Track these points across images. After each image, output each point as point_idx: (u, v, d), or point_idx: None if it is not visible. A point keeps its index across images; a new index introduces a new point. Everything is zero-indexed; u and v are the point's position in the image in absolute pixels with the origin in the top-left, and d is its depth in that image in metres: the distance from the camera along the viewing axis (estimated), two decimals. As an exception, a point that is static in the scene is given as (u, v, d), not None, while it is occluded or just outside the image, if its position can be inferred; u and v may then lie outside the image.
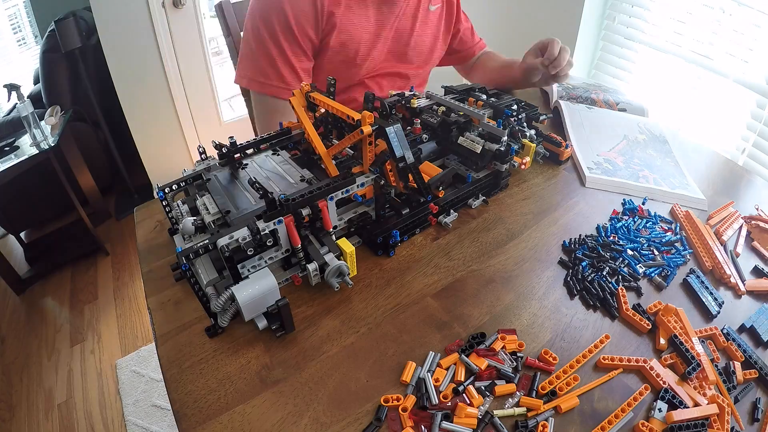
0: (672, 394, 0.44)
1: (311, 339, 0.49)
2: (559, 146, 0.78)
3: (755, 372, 0.49)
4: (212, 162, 0.63)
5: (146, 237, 0.65)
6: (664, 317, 0.51)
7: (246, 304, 0.46)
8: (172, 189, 0.58)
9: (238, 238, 0.47)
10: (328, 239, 0.54)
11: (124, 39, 1.82)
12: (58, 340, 1.63)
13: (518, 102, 0.78)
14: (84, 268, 1.94)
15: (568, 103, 0.95)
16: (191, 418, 0.42)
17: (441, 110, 0.73)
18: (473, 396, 0.44)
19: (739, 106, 1.33)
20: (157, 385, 1.42)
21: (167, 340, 0.50)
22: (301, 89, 0.63)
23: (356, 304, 0.53)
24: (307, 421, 0.42)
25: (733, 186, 0.81)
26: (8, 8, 2.50)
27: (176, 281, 0.56)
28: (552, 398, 0.44)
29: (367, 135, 0.53)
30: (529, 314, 0.53)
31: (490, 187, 0.71)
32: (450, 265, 0.59)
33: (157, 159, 2.15)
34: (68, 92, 1.99)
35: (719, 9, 1.31)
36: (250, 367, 0.47)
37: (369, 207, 0.59)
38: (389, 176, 0.57)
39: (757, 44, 1.24)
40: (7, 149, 1.69)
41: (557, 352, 0.48)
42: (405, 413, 0.42)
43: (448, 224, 0.64)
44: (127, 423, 1.32)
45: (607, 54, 1.68)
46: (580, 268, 0.58)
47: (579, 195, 0.73)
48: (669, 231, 0.66)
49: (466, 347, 0.48)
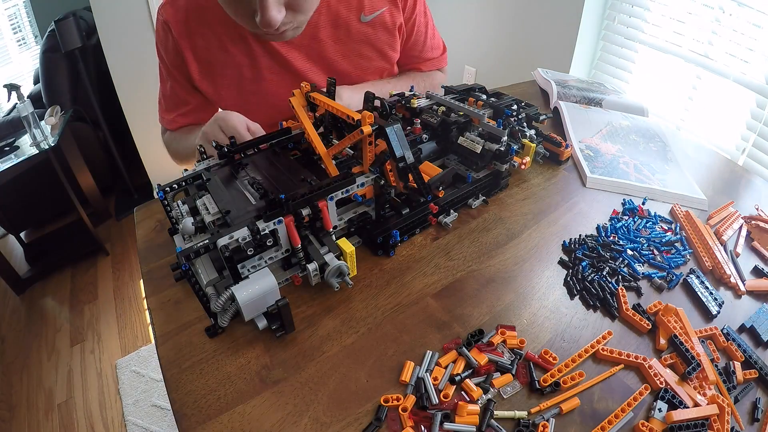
0: (672, 394, 0.44)
1: (311, 339, 0.49)
2: (559, 146, 0.78)
3: (755, 372, 0.49)
4: (212, 162, 0.63)
5: (146, 237, 0.65)
6: (664, 317, 0.51)
7: (246, 304, 0.46)
8: (172, 189, 0.58)
9: (238, 238, 0.47)
10: (328, 239, 0.54)
11: (124, 39, 1.82)
12: (58, 340, 1.63)
13: (518, 102, 0.78)
14: (84, 268, 1.94)
15: (568, 103, 0.95)
16: (191, 418, 0.42)
17: (441, 110, 0.73)
18: (471, 389, 0.44)
19: (738, 106, 1.33)
20: (157, 385, 1.42)
21: (167, 340, 0.50)
22: (302, 88, 0.64)
23: (356, 304, 0.53)
24: (307, 421, 0.42)
25: (733, 186, 0.81)
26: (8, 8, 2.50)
27: (176, 281, 0.56)
28: (556, 389, 0.44)
29: (367, 135, 0.53)
30: (529, 314, 0.53)
31: (490, 187, 0.71)
32: (450, 265, 0.59)
33: (157, 159, 2.15)
34: (68, 92, 1.99)
35: (719, 9, 1.31)
36: (250, 367, 0.47)
37: (369, 207, 0.59)
38: (389, 176, 0.57)
39: (757, 44, 1.24)
40: (7, 149, 1.69)
41: (557, 352, 0.48)
42: (405, 413, 0.42)
43: (448, 224, 0.64)
44: (127, 423, 1.32)
45: (607, 54, 1.68)
46: (580, 268, 0.58)
47: (579, 195, 0.73)
48: (669, 231, 0.66)
49: (464, 345, 0.48)
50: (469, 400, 0.43)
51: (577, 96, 1.00)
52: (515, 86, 1.12)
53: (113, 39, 1.80)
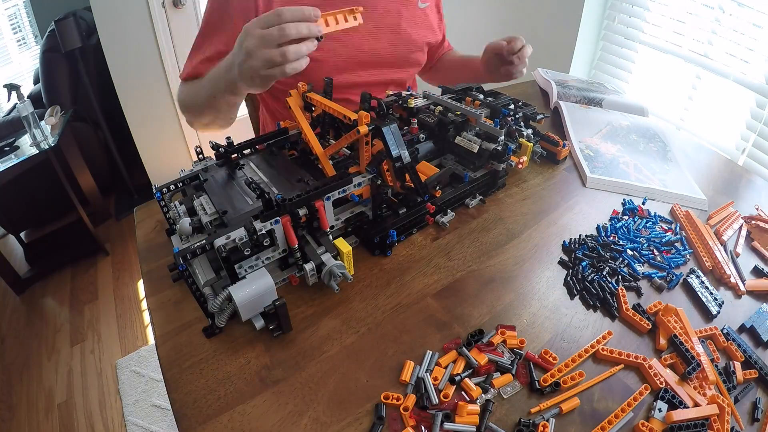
0: (672, 394, 0.44)
1: (311, 339, 0.49)
2: (557, 145, 0.78)
3: (755, 372, 0.49)
4: (209, 162, 0.63)
5: (146, 237, 0.65)
6: (664, 317, 0.51)
7: (243, 304, 0.46)
8: (169, 189, 0.58)
9: (235, 239, 0.46)
10: (325, 239, 0.53)
11: (124, 39, 1.82)
12: (58, 340, 1.62)
13: (515, 101, 0.78)
14: (84, 268, 1.94)
15: (568, 102, 0.95)
16: (191, 418, 0.42)
17: (438, 110, 0.73)
18: (471, 388, 0.44)
19: (738, 106, 1.33)
20: (157, 385, 1.42)
21: (167, 340, 0.50)
22: (298, 89, 0.63)
23: (356, 304, 0.53)
24: (307, 421, 0.42)
25: (733, 186, 0.81)
26: (8, 8, 2.50)
27: (173, 282, 0.56)
28: (556, 389, 0.44)
29: (364, 135, 0.53)
30: (529, 314, 0.53)
31: (487, 186, 0.70)
32: (450, 265, 0.59)
33: (157, 159, 2.15)
34: (68, 92, 1.99)
35: (719, 9, 1.30)
36: (250, 367, 0.46)
37: (366, 207, 0.59)
38: (386, 176, 0.57)
39: (757, 44, 1.24)
40: (7, 149, 1.69)
41: (557, 352, 0.47)
42: (407, 413, 0.42)
43: (446, 224, 0.64)
44: (127, 423, 1.32)
45: (607, 54, 1.68)
46: (580, 268, 0.58)
47: (579, 195, 0.73)
48: (669, 231, 0.66)
49: (464, 345, 0.48)
50: (469, 400, 0.43)
51: (577, 96, 1.00)
52: (515, 86, 1.12)
53: (113, 39, 1.80)
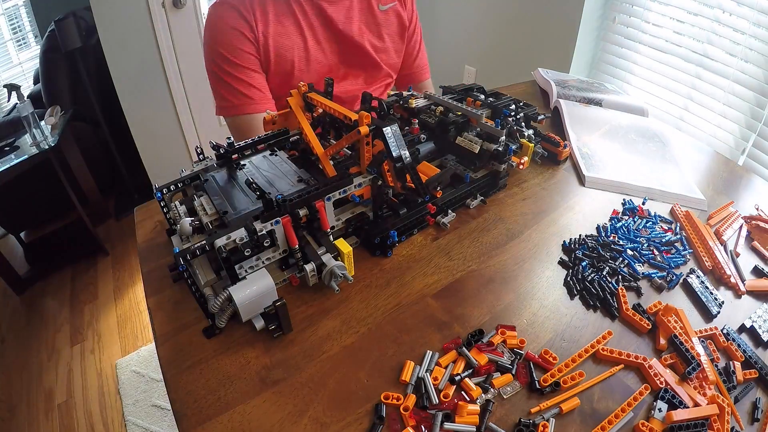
0: (672, 394, 0.44)
1: (311, 339, 0.49)
2: (558, 146, 0.78)
3: (755, 372, 0.49)
4: (210, 162, 0.62)
5: (146, 237, 0.65)
6: (664, 317, 0.51)
7: (243, 304, 0.46)
8: (169, 190, 0.58)
9: (236, 239, 0.46)
10: (325, 239, 0.53)
11: (124, 39, 1.82)
12: (58, 340, 1.62)
13: (516, 102, 0.78)
14: (84, 268, 1.94)
15: (568, 102, 0.95)
16: (191, 418, 0.42)
17: (439, 110, 0.73)
18: (471, 388, 0.44)
19: (738, 106, 1.33)
20: (157, 385, 1.42)
21: (167, 340, 0.50)
22: (299, 88, 0.63)
23: (356, 304, 0.53)
24: (307, 421, 0.42)
25: (733, 186, 0.81)
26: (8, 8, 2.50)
27: (174, 282, 0.56)
28: (556, 389, 0.44)
29: (365, 135, 0.53)
30: (529, 314, 0.53)
31: (488, 187, 0.70)
32: (450, 265, 0.59)
33: (157, 159, 2.14)
34: (68, 92, 1.99)
35: (719, 9, 1.30)
36: (250, 367, 0.46)
37: (366, 207, 0.59)
38: (387, 176, 0.57)
39: (757, 44, 1.24)
40: (7, 149, 1.69)
41: (557, 352, 0.47)
42: (406, 413, 0.42)
43: (446, 224, 0.64)
44: (127, 423, 1.32)
45: (607, 54, 1.68)
46: (580, 268, 0.58)
47: (579, 195, 0.73)
48: (669, 231, 0.66)
49: (464, 345, 0.48)
50: (469, 400, 0.43)
51: (577, 96, 1.00)
52: (515, 86, 1.12)
53: (113, 39, 1.80)
